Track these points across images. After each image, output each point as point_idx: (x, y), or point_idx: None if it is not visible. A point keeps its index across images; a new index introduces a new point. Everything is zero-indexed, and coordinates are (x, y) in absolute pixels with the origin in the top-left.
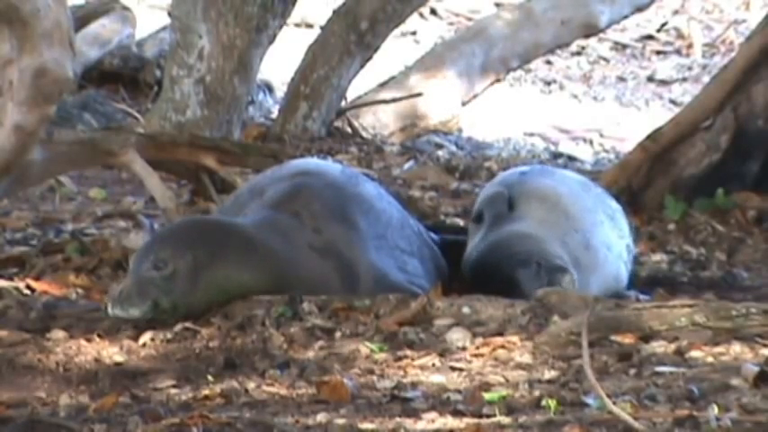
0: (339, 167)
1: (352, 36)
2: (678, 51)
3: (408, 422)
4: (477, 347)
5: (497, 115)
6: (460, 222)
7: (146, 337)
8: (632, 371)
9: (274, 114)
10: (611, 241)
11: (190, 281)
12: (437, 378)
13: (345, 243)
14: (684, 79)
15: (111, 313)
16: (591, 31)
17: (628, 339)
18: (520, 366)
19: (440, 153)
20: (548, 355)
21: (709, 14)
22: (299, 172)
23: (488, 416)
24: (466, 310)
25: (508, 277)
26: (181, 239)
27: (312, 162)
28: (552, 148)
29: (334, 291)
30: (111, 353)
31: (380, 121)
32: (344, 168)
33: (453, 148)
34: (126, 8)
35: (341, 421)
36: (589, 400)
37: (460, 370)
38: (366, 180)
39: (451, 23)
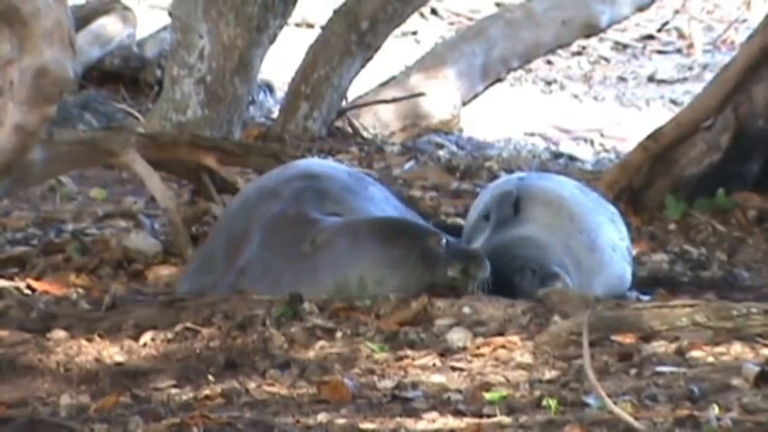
0: (345, 169)
1: (353, 36)
2: (679, 51)
3: (409, 422)
4: (478, 347)
5: (498, 115)
6: (461, 222)
7: (146, 337)
8: (633, 371)
9: (275, 114)
10: (615, 242)
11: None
12: (438, 378)
13: None
14: (685, 79)
15: None
16: (592, 30)
17: (628, 339)
18: (520, 366)
19: (440, 153)
20: (548, 354)
21: (710, 14)
22: (307, 174)
23: (489, 416)
24: (466, 309)
25: (506, 282)
26: None
27: (316, 163)
28: (553, 147)
29: None
30: (112, 353)
31: (381, 121)
32: (350, 170)
33: (454, 147)
34: (126, 8)
35: (341, 421)
36: (590, 400)
37: (461, 370)
38: (371, 182)
39: (452, 23)
